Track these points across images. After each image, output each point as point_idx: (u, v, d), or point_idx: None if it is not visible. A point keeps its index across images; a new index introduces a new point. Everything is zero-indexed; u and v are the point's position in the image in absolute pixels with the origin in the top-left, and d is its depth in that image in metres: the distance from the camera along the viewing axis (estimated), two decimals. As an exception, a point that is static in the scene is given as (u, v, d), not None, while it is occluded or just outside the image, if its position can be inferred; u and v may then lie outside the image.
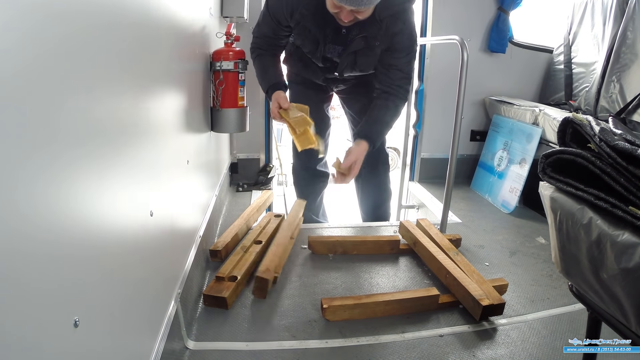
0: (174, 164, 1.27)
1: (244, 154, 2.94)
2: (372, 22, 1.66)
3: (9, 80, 0.47)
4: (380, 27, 1.69)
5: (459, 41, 1.88)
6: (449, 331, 1.40)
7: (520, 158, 2.54)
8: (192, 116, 1.56)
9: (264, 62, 1.89)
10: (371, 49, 1.77)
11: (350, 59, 1.82)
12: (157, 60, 1.08)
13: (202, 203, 1.77)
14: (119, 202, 0.81)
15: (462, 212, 2.49)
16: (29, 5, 0.50)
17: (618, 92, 2.40)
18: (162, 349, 1.03)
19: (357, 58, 1.81)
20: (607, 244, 0.75)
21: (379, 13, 1.64)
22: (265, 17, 1.83)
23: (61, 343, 0.59)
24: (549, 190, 0.93)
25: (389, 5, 1.64)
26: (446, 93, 2.77)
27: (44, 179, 0.54)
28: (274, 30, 1.83)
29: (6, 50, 0.46)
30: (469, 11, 2.90)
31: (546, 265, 1.86)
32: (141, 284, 0.94)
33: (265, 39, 1.87)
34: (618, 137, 0.80)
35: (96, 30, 0.70)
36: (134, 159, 0.90)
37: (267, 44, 1.88)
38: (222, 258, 1.74)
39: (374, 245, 1.90)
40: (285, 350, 1.28)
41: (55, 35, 0.56)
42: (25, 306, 0.50)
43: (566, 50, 2.86)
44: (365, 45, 1.76)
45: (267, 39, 1.87)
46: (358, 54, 1.80)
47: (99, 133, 0.71)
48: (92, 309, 0.67)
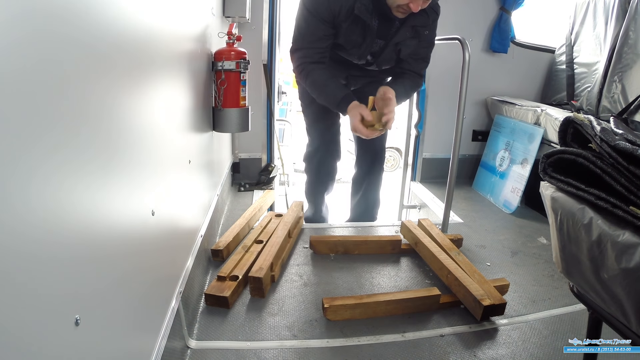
0: (175, 163, 1.28)
1: (246, 154, 2.95)
2: (421, 12, 1.71)
3: (9, 80, 0.47)
4: (428, 16, 1.79)
5: (461, 41, 1.88)
6: (450, 331, 1.40)
7: (522, 158, 2.54)
8: (194, 116, 1.56)
9: (320, 77, 1.81)
10: (417, 37, 1.83)
11: (394, 50, 1.85)
12: (159, 60, 1.08)
13: (204, 203, 1.78)
14: (121, 202, 0.81)
15: (463, 212, 2.49)
16: (29, 7, 0.50)
17: (620, 92, 2.40)
18: (163, 347, 1.03)
19: (401, 48, 1.85)
20: (607, 244, 0.75)
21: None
22: (308, 19, 1.76)
23: (62, 342, 0.59)
24: (549, 190, 0.93)
25: None
26: (448, 93, 2.77)
27: (45, 178, 0.54)
28: (324, 31, 1.76)
29: (5, 49, 0.46)
30: (471, 11, 2.90)
31: (547, 265, 1.86)
32: (142, 283, 0.95)
33: (315, 45, 1.78)
34: (619, 137, 0.80)
35: (96, 31, 0.70)
36: (136, 158, 0.90)
37: (317, 52, 1.80)
38: (223, 257, 1.75)
39: (376, 245, 1.90)
40: (286, 349, 1.29)
41: (55, 36, 0.57)
42: (26, 305, 0.50)
43: (568, 50, 2.86)
44: (411, 35, 1.82)
45: (318, 44, 1.78)
46: (401, 44, 1.84)
47: (101, 133, 0.71)
48: (93, 308, 0.68)
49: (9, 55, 0.46)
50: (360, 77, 2.06)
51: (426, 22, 1.80)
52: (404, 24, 1.78)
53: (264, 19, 2.71)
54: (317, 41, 1.78)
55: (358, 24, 1.75)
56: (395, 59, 1.90)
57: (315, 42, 1.78)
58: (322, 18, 1.72)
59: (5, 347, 0.46)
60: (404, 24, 1.78)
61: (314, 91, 1.85)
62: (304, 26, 1.78)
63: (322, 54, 1.81)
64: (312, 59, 1.80)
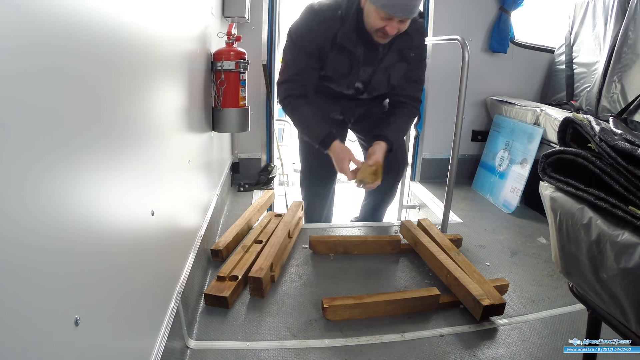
0: (175, 163, 1.28)
1: (245, 154, 2.95)
2: (404, 35, 1.74)
3: (10, 80, 0.47)
4: (411, 38, 1.79)
5: (460, 41, 1.88)
6: (449, 331, 1.40)
7: (521, 158, 2.54)
8: (194, 116, 1.56)
9: (304, 112, 1.83)
10: (404, 60, 1.84)
11: (384, 76, 1.86)
12: (158, 61, 1.08)
13: (204, 203, 1.78)
14: (121, 202, 0.81)
15: (463, 212, 2.49)
16: (31, 14, 0.50)
17: (619, 92, 2.40)
18: (163, 348, 1.03)
19: (391, 73, 1.86)
20: (607, 244, 0.76)
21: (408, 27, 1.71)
22: (294, 51, 1.78)
23: (62, 341, 0.59)
24: (549, 190, 0.93)
25: (413, 19, 1.72)
26: (447, 93, 2.77)
27: (45, 178, 0.54)
28: (305, 62, 1.78)
29: (7, 51, 0.46)
30: (470, 11, 2.91)
31: (547, 265, 1.86)
32: (142, 283, 0.95)
33: (301, 78, 1.80)
34: (618, 137, 0.80)
35: (96, 32, 0.70)
36: (136, 158, 0.90)
37: (302, 85, 1.81)
38: (223, 258, 1.75)
39: (375, 245, 1.90)
40: (286, 349, 1.29)
41: (55, 36, 0.57)
42: (26, 304, 0.51)
43: (567, 50, 2.86)
44: (398, 59, 1.82)
45: (303, 77, 1.80)
46: (390, 69, 1.85)
47: (101, 133, 0.71)
48: (93, 308, 0.68)
49: (9, 58, 0.46)
50: (355, 108, 2.05)
51: (411, 44, 1.80)
52: (390, 48, 1.79)
53: (263, 19, 2.71)
54: (303, 73, 1.79)
55: (344, 53, 1.76)
56: (386, 85, 1.91)
57: (300, 74, 1.79)
58: (308, 50, 1.74)
59: (5, 347, 0.46)
60: (389, 48, 1.79)
61: (298, 126, 1.88)
62: (290, 58, 1.80)
63: (307, 87, 1.83)
64: (297, 91, 1.81)
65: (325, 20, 1.71)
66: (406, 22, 1.65)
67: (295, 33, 1.76)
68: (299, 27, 1.76)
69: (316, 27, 1.71)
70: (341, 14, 1.71)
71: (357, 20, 1.70)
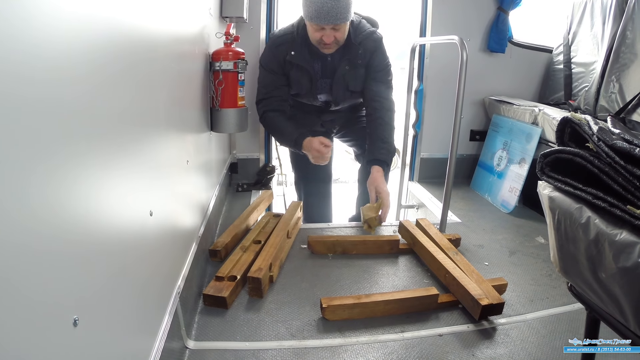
0: (173, 163, 1.28)
1: (244, 154, 2.94)
2: (351, 46, 1.98)
3: (10, 81, 0.47)
4: (358, 48, 1.99)
5: (458, 41, 1.88)
6: (448, 331, 1.40)
7: (519, 158, 2.54)
8: (192, 116, 1.56)
9: (277, 122, 2.06)
10: (355, 68, 2.04)
11: (342, 84, 2.06)
12: (156, 61, 1.08)
13: (202, 203, 1.77)
14: (119, 202, 0.81)
15: (461, 212, 2.49)
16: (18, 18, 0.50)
17: (617, 91, 2.40)
18: (161, 348, 1.03)
19: (348, 80, 2.06)
20: (605, 243, 0.76)
21: (354, 38, 1.97)
22: (263, 74, 2.07)
23: (60, 342, 0.59)
24: (547, 190, 0.93)
25: (361, 31, 1.99)
26: (446, 93, 2.78)
27: (43, 179, 0.54)
28: (274, 81, 2.04)
29: (6, 51, 0.46)
30: (468, 11, 2.91)
31: (546, 264, 1.86)
32: (141, 283, 0.94)
33: (273, 94, 2.05)
34: (616, 136, 0.80)
35: (93, 32, 0.70)
36: (134, 159, 0.90)
37: (275, 100, 2.05)
38: (221, 258, 1.75)
39: (374, 245, 1.90)
40: (284, 349, 1.29)
41: (51, 36, 0.57)
42: (24, 305, 0.50)
43: (565, 50, 2.86)
44: (350, 67, 2.03)
45: (275, 93, 2.05)
46: (346, 77, 2.05)
47: (99, 133, 0.71)
48: (92, 308, 0.68)
49: (9, 58, 0.46)
50: (334, 120, 2.27)
51: (357, 54, 2.00)
52: (341, 59, 2.01)
53: (261, 19, 2.71)
54: (274, 90, 2.05)
55: (301, 70, 2.00)
56: (349, 93, 2.11)
57: (272, 91, 2.05)
58: (273, 70, 2.03)
59: (3, 348, 0.46)
60: (341, 59, 2.01)
61: (274, 135, 2.14)
62: (261, 81, 2.09)
63: (281, 102, 2.07)
64: (271, 107, 2.06)
65: (282, 44, 1.99)
66: (341, 30, 1.85)
67: (262, 59, 2.08)
68: (264, 54, 2.08)
69: (275, 50, 2.00)
70: (295, 37, 1.97)
71: (306, 38, 1.94)
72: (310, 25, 1.85)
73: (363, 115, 2.25)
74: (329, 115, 2.22)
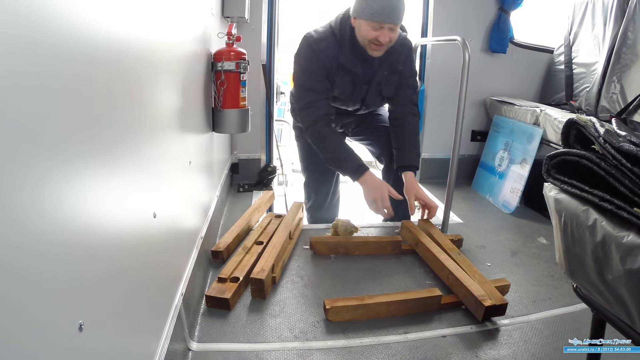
0: (176, 165, 1.27)
1: (245, 155, 2.94)
2: (392, 50, 1.90)
3: (10, 81, 0.46)
4: (399, 54, 1.96)
5: (460, 41, 1.88)
6: (451, 332, 1.40)
7: (521, 158, 2.54)
8: (194, 117, 1.55)
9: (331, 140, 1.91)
10: (394, 73, 1.99)
11: (377, 90, 2.00)
12: (158, 62, 1.08)
13: (204, 204, 1.77)
14: (123, 204, 0.81)
15: (463, 213, 2.49)
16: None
17: (619, 92, 2.40)
18: (165, 350, 1.03)
19: (383, 87, 2.00)
20: (612, 246, 0.76)
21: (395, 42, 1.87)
22: (307, 79, 1.89)
23: (67, 347, 0.58)
24: (553, 192, 0.93)
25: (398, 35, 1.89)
26: (447, 93, 2.78)
27: (47, 181, 0.54)
28: (323, 85, 1.89)
29: (6, 52, 0.46)
30: (469, 11, 2.91)
31: (548, 265, 1.86)
32: (145, 285, 0.94)
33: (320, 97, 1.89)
34: (623, 138, 0.80)
35: (97, 35, 0.70)
36: (137, 160, 0.90)
37: (322, 107, 1.89)
38: (223, 259, 1.74)
39: (376, 245, 1.89)
40: (288, 351, 1.28)
41: (56, 40, 0.56)
42: (31, 311, 0.50)
43: (567, 50, 2.86)
44: (389, 73, 1.97)
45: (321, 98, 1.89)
46: (382, 83, 1.99)
47: (103, 135, 0.71)
48: (97, 312, 0.67)
49: (9, 59, 0.46)
50: (352, 122, 2.22)
51: (398, 58, 1.96)
52: (381, 64, 1.95)
53: (263, 19, 2.71)
54: (321, 93, 1.89)
55: (347, 73, 1.91)
56: (380, 99, 2.06)
57: (319, 99, 1.89)
58: (318, 73, 1.88)
59: (10, 353, 0.46)
60: (381, 64, 1.95)
61: (324, 154, 1.94)
62: (303, 84, 1.91)
63: (328, 110, 1.93)
64: (321, 117, 1.89)
65: (327, 48, 1.86)
66: (396, 30, 1.78)
67: (303, 62, 1.90)
68: (305, 57, 1.89)
69: (321, 54, 1.85)
70: (338, 38, 1.87)
71: (352, 40, 1.85)
72: (366, 24, 1.75)
73: (378, 115, 2.24)
74: (350, 117, 2.18)
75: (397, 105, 2.06)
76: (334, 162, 1.95)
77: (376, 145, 2.26)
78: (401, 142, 2.03)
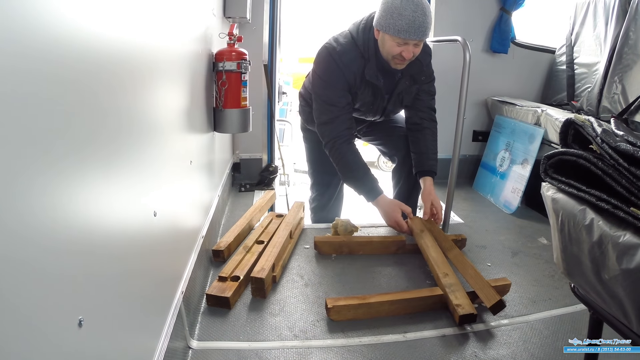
0: (177, 164, 1.28)
1: (247, 154, 2.95)
2: (414, 62, 1.84)
3: (10, 82, 0.47)
4: (421, 63, 1.92)
5: (461, 42, 1.88)
6: (451, 331, 1.40)
7: (522, 158, 2.54)
8: (195, 117, 1.56)
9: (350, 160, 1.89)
10: (416, 83, 1.97)
11: (397, 100, 1.99)
12: (160, 62, 1.08)
13: (205, 203, 1.78)
14: (124, 203, 0.82)
15: (464, 213, 2.49)
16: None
17: (620, 92, 2.40)
18: (165, 348, 1.04)
19: (404, 97, 1.99)
20: (608, 245, 0.76)
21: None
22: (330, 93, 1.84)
23: (66, 343, 0.59)
24: (550, 191, 0.93)
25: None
26: (448, 93, 2.77)
27: (49, 180, 0.55)
28: (345, 99, 1.85)
29: (7, 53, 0.47)
30: (471, 11, 2.90)
31: (548, 265, 1.86)
32: (145, 283, 0.95)
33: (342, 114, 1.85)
34: (620, 138, 0.80)
35: (98, 35, 0.70)
36: (139, 159, 0.90)
37: (343, 123, 1.86)
38: (224, 258, 1.75)
39: (380, 245, 1.90)
40: (287, 349, 1.29)
41: (54, 40, 0.57)
42: (31, 305, 0.51)
43: (568, 50, 2.86)
44: (410, 83, 1.95)
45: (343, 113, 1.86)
46: (403, 93, 1.98)
47: (104, 134, 0.72)
48: (97, 309, 0.68)
49: (9, 60, 0.47)
50: (365, 128, 2.21)
51: (421, 68, 1.93)
52: (403, 74, 1.91)
53: (264, 19, 2.72)
54: (343, 108, 1.86)
55: (369, 86, 1.88)
56: (399, 108, 2.08)
57: (342, 114, 1.86)
58: (341, 88, 1.84)
59: (10, 348, 0.47)
60: (403, 75, 1.91)
61: (342, 172, 1.94)
62: (326, 99, 1.86)
63: (349, 124, 1.89)
64: (344, 133, 1.87)
65: (351, 62, 1.81)
66: (420, 45, 1.74)
67: (325, 76, 1.85)
68: (328, 71, 1.84)
69: (345, 69, 1.81)
70: (362, 51, 1.81)
71: (376, 53, 1.81)
72: (391, 39, 1.70)
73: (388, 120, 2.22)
74: (364, 124, 2.17)
75: (417, 110, 2.05)
76: (350, 180, 1.95)
77: (389, 146, 2.25)
78: (421, 147, 2.04)
